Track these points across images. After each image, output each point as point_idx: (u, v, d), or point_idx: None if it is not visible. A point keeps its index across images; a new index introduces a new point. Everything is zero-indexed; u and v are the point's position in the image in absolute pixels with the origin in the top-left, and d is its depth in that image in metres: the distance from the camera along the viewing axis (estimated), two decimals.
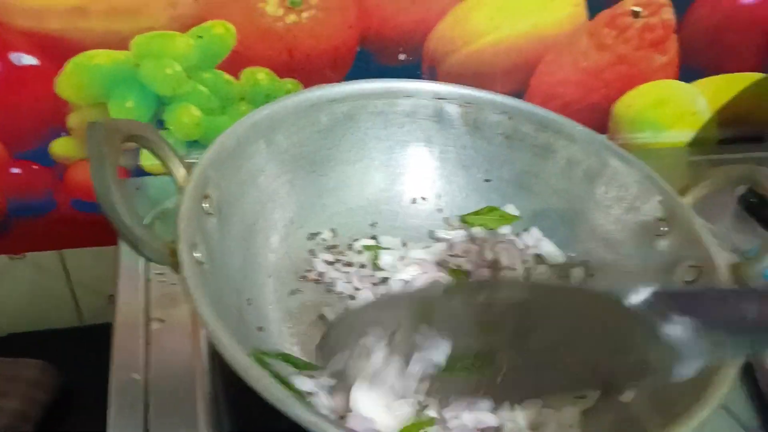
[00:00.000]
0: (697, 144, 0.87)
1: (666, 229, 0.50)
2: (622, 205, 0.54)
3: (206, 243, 0.40)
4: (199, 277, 0.36)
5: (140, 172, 0.68)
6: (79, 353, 0.56)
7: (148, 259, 0.37)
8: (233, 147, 0.47)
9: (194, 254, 0.38)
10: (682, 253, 0.48)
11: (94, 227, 0.70)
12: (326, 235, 0.56)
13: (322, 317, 0.50)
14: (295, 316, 0.50)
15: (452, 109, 0.59)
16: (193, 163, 0.43)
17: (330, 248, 0.56)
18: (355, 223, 0.58)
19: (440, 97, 0.59)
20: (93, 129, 0.37)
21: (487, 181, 0.61)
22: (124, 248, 0.58)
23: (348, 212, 0.58)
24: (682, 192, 0.51)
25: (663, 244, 0.50)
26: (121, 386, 0.46)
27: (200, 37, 0.61)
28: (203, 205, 0.42)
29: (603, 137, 0.56)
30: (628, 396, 0.42)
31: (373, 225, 0.58)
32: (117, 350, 0.49)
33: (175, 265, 0.36)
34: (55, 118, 0.63)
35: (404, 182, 0.61)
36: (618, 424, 0.40)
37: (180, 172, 0.43)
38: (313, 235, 0.56)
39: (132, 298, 0.53)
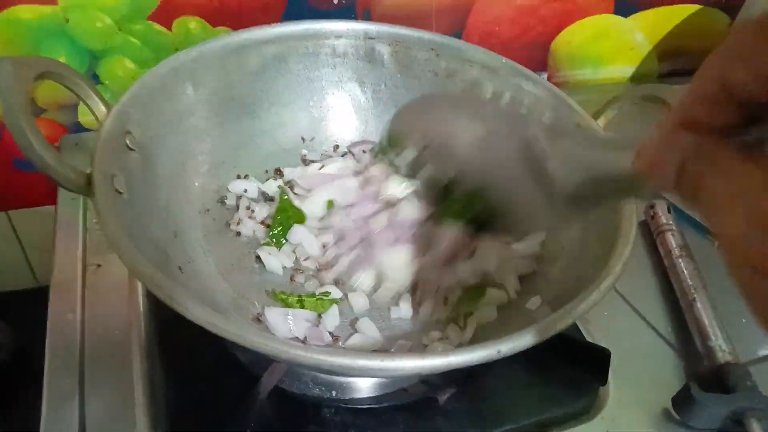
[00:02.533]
0: (638, 79, 0.89)
1: None
2: None
3: (127, 176, 0.41)
4: (112, 203, 0.37)
5: (80, 128, 0.68)
6: (34, 314, 0.56)
7: (64, 187, 0.37)
8: (157, 87, 0.48)
9: (113, 184, 0.39)
10: None
11: (39, 186, 0.70)
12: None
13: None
14: (219, 250, 0.51)
15: (382, 49, 0.60)
16: None
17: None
18: (289, 162, 0.59)
19: (370, 37, 0.60)
20: (2, 65, 0.37)
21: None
22: (62, 199, 0.58)
23: (282, 153, 0.59)
24: (596, 115, 0.53)
25: None
26: (58, 329, 0.48)
27: None
28: (126, 141, 0.43)
29: (522, 68, 0.57)
30: (534, 303, 0.44)
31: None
32: (55, 296, 0.50)
33: (91, 194, 0.37)
34: None
35: (338, 122, 0.62)
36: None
37: (101, 109, 0.44)
38: (244, 176, 0.57)
39: (70, 246, 0.54)
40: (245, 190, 0.55)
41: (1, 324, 0.69)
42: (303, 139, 0.60)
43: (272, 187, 0.56)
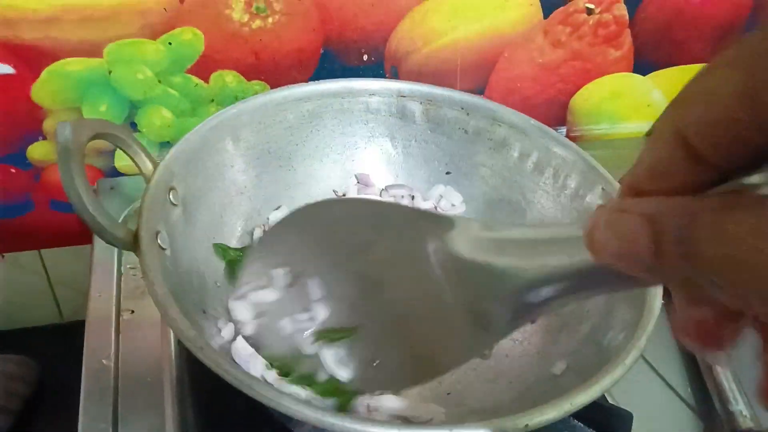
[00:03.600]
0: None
1: None
2: (566, 193, 0.57)
3: (170, 232, 0.43)
4: (157, 259, 0.38)
5: (115, 173, 0.71)
6: (58, 349, 0.58)
7: (111, 244, 0.39)
8: (199, 143, 0.50)
9: (157, 241, 0.41)
10: None
11: (71, 227, 0.73)
12: None
13: None
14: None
15: (414, 106, 0.62)
16: None
17: None
18: None
19: (402, 95, 0.62)
20: (61, 127, 0.39)
21: (447, 173, 0.64)
22: (98, 243, 0.60)
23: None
24: (622, 180, 0.55)
25: None
26: (93, 373, 0.49)
27: (170, 43, 0.64)
28: (169, 197, 0.45)
29: (551, 130, 0.59)
30: (559, 368, 0.45)
31: None
32: (89, 339, 0.51)
33: (137, 250, 0.38)
34: (31, 123, 0.66)
35: (369, 176, 0.64)
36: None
37: (147, 166, 0.46)
38: None
39: (104, 290, 0.56)
40: None
41: (25, 358, 0.71)
42: (335, 192, 0.62)
43: None
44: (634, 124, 0.90)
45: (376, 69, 0.72)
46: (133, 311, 0.54)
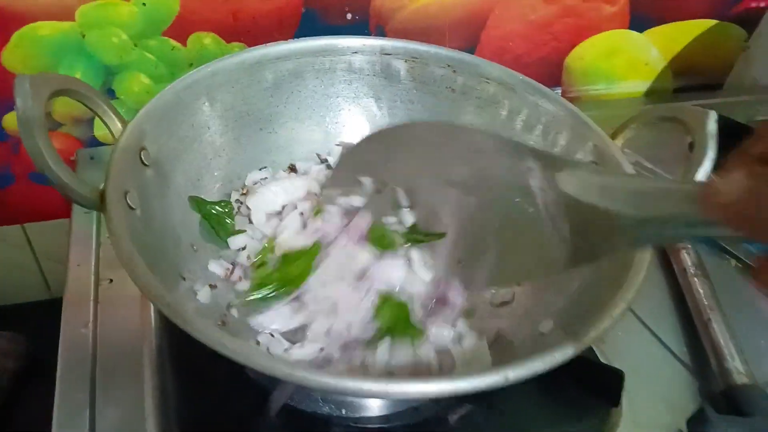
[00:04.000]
0: (653, 95, 0.89)
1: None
2: (557, 150, 0.55)
3: (141, 192, 0.41)
4: (124, 219, 0.37)
5: (95, 143, 0.69)
6: (47, 324, 0.57)
7: (78, 204, 0.38)
8: (172, 103, 0.48)
9: (126, 200, 0.39)
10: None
11: (54, 199, 0.71)
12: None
13: None
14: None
15: (398, 65, 0.60)
16: None
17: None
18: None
19: (386, 53, 0.60)
20: (20, 81, 0.38)
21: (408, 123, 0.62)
22: (76, 214, 0.59)
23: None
24: (614, 135, 0.53)
25: None
26: (71, 342, 0.48)
27: (144, 4, 0.62)
28: (140, 156, 0.43)
29: (541, 86, 0.57)
30: (546, 326, 0.44)
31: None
32: (67, 308, 0.50)
33: (104, 210, 0.37)
34: (4, 90, 0.64)
35: (353, 138, 0.62)
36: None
37: (116, 125, 0.44)
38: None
39: (83, 260, 0.55)
40: None
41: (15, 334, 0.70)
42: (318, 155, 0.60)
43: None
44: (632, 83, 0.87)
45: (360, 28, 0.70)
46: (111, 280, 0.53)
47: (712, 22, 0.85)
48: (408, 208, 0.51)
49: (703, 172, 0.45)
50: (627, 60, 0.84)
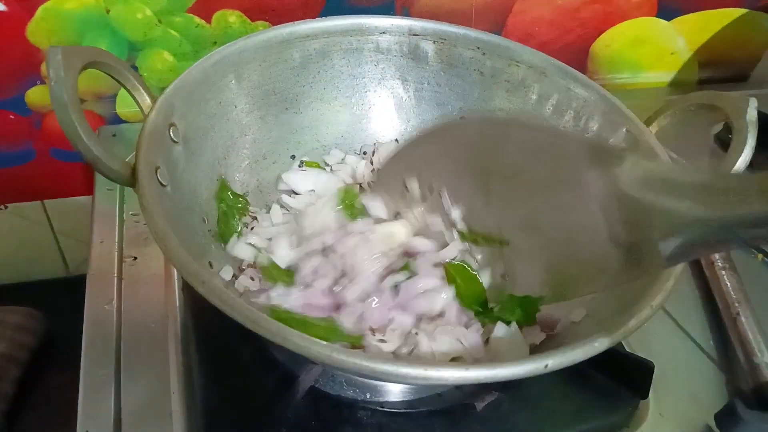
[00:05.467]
0: (678, 85, 0.87)
1: None
2: (588, 136, 0.54)
3: (170, 168, 0.41)
4: (156, 194, 0.36)
5: (116, 120, 0.68)
6: (65, 301, 0.57)
7: (109, 178, 0.37)
8: (200, 80, 0.48)
9: (157, 176, 0.38)
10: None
11: (74, 176, 0.71)
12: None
13: None
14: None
15: (427, 46, 0.59)
16: None
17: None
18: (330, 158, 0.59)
19: (415, 33, 0.59)
20: (52, 53, 0.37)
21: (462, 118, 0.61)
22: (99, 190, 0.59)
23: (322, 149, 0.59)
24: (648, 122, 0.52)
25: None
26: (95, 319, 0.48)
27: None
28: (169, 133, 0.43)
29: (572, 70, 0.56)
30: (578, 315, 0.43)
31: None
32: (91, 285, 0.50)
33: (134, 184, 0.36)
34: (28, 66, 0.63)
35: (380, 120, 0.61)
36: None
37: (146, 101, 0.44)
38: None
39: (107, 237, 0.54)
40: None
41: (32, 310, 0.70)
42: (343, 137, 0.59)
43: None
44: (657, 73, 0.86)
45: (386, 10, 0.69)
46: (135, 257, 0.53)
47: (742, 11, 0.83)
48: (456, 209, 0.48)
49: (743, 161, 0.44)
50: (653, 49, 0.83)
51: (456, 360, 0.42)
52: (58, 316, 0.72)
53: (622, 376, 0.46)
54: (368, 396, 0.45)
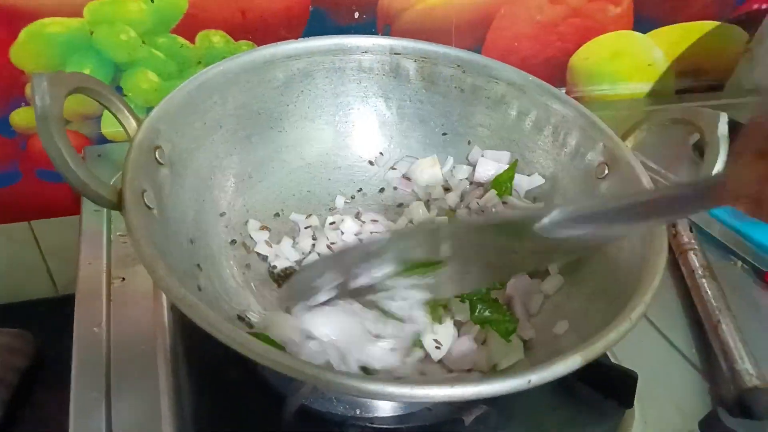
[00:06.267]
0: (656, 95, 0.89)
1: (607, 172, 0.51)
2: (566, 151, 0.55)
3: (156, 191, 0.41)
4: (143, 218, 0.37)
5: (102, 140, 0.69)
6: (54, 322, 0.57)
7: (95, 202, 0.37)
8: (185, 101, 0.48)
9: (143, 200, 0.39)
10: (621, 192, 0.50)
11: (61, 196, 0.71)
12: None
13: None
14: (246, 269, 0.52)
15: (408, 64, 0.60)
16: None
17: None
18: (314, 178, 0.59)
19: (396, 52, 0.60)
20: (38, 79, 0.37)
21: (444, 135, 0.62)
22: (86, 210, 0.59)
23: (307, 167, 0.59)
24: (625, 136, 0.53)
25: (604, 185, 0.51)
26: (84, 341, 0.48)
27: (152, 1, 0.62)
28: (155, 155, 0.43)
29: (550, 87, 0.57)
30: (561, 328, 0.44)
31: (330, 180, 0.60)
32: (80, 307, 0.50)
33: (122, 210, 0.37)
34: (12, 88, 0.63)
35: (363, 138, 0.62)
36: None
37: (131, 124, 0.44)
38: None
39: (94, 258, 0.54)
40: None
41: (22, 331, 0.70)
42: (327, 154, 0.60)
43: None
44: (635, 84, 0.87)
45: (368, 27, 0.70)
46: (123, 279, 0.53)
47: (715, 23, 0.85)
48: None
49: (716, 172, 0.45)
50: (631, 61, 0.85)
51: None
52: (47, 336, 0.71)
53: (607, 387, 0.47)
54: (358, 412, 0.45)
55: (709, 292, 0.56)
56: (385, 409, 0.46)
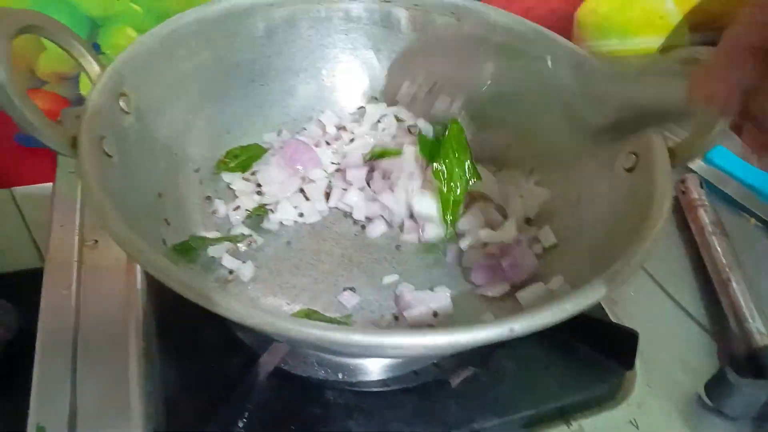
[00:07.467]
0: (668, 51, 0.84)
1: None
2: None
3: (119, 139, 0.39)
4: (98, 165, 0.34)
5: (81, 100, 0.66)
6: (38, 294, 0.55)
7: (48, 146, 0.35)
8: (156, 49, 0.45)
9: (102, 146, 0.36)
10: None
11: (41, 163, 0.68)
12: None
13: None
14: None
15: (399, 13, 0.56)
16: None
17: None
18: (298, 135, 0.56)
19: (386, 0, 0.56)
20: None
21: None
22: (60, 171, 0.56)
23: (292, 124, 0.56)
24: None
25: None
26: (53, 305, 0.45)
27: None
28: (119, 102, 0.40)
29: (553, 34, 0.53)
30: (556, 283, 0.41)
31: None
32: (49, 270, 0.47)
33: (76, 154, 0.34)
34: None
35: (351, 92, 0.59)
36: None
37: (94, 68, 0.41)
38: None
39: (67, 221, 0.52)
40: None
41: (5, 303, 0.68)
42: (313, 109, 0.57)
43: None
44: (646, 38, 0.83)
45: None
46: (96, 241, 0.50)
47: None
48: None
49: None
50: (641, 12, 0.80)
51: None
52: (31, 308, 0.69)
53: (606, 347, 0.44)
54: (341, 376, 0.43)
55: (719, 249, 0.53)
56: (369, 372, 0.43)
